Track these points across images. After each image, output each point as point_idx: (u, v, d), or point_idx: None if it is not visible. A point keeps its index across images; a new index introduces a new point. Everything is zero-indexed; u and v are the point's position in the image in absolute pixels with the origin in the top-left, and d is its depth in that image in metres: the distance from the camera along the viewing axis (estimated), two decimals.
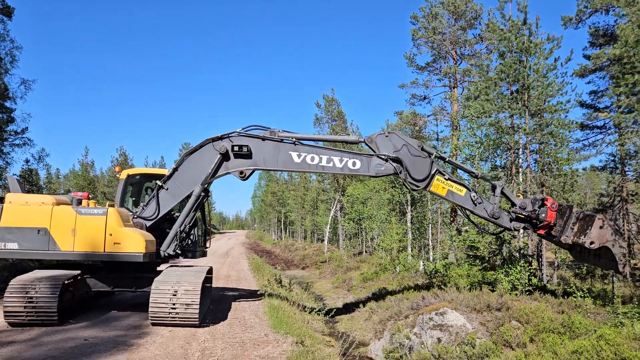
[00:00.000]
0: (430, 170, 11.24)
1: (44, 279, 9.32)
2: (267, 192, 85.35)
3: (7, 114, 24.98)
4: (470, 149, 20.02)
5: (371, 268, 25.73)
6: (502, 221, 11.50)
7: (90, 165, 63.80)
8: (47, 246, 9.46)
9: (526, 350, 9.43)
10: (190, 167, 11.03)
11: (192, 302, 9.20)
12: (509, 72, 17.70)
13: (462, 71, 27.89)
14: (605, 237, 10.52)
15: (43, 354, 7.33)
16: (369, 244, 38.49)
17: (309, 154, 11.17)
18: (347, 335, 12.67)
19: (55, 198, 9.95)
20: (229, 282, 18.31)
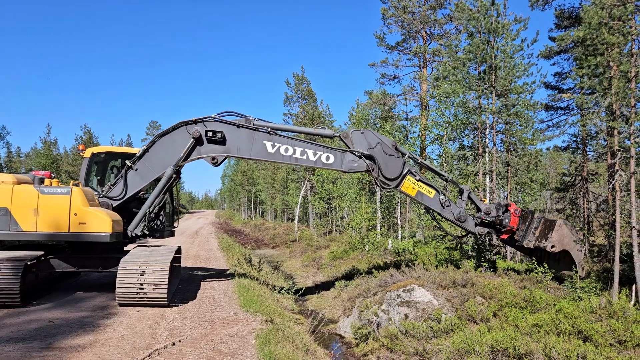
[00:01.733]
0: (402, 170, 11.42)
1: (4, 260, 9.06)
2: (237, 171, 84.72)
3: None
4: (439, 129, 20.26)
5: (341, 247, 25.97)
6: (467, 225, 11.86)
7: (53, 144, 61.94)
8: (7, 226, 9.21)
9: (489, 324, 9.72)
10: (161, 150, 10.83)
11: (160, 282, 9.13)
12: (477, 53, 17.87)
13: (432, 51, 28.04)
14: (565, 241, 11.02)
15: (5, 336, 7.17)
16: (339, 223, 38.78)
17: (283, 145, 11.13)
18: (316, 312, 12.84)
19: (16, 177, 9.66)
20: (198, 262, 18.23)
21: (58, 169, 53.20)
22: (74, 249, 10.52)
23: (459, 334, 9.42)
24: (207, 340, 7.45)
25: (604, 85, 12.91)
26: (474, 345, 8.46)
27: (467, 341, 8.67)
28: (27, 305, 9.26)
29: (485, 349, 8.30)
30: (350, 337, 11.81)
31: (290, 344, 8.17)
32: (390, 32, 29.03)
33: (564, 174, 26.81)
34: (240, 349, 7.10)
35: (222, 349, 7.03)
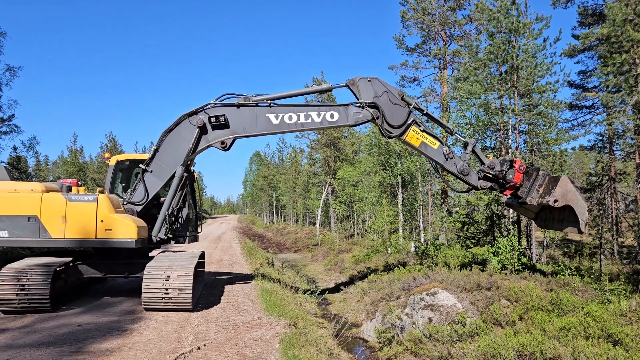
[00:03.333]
0: (407, 120, 11.28)
1: (35, 266, 9.30)
2: (259, 176, 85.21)
3: None
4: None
5: (363, 250, 25.92)
6: (470, 179, 11.55)
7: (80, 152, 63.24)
8: (37, 234, 9.42)
9: (515, 327, 9.60)
10: (170, 146, 10.93)
11: (185, 287, 9.24)
12: (498, 53, 17.70)
13: (452, 52, 27.83)
14: (568, 196, 10.61)
15: (37, 341, 7.35)
16: (361, 227, 38.69)
17: (286, 114, 11.11)
18: (339, 316, 12.84)
19: (44, 185, 9.89)
20: (222, 267, 18.39)
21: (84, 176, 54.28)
22: (101, 255, 10.72)
23: (484, 337, 9.32)
24: (232, 344, 7.52)
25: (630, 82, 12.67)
26: (499, 349, 8.36)
27: (493, 345, 8.58)
28: (57, 311, 9.48)
29: (511, 353, 8.20)
30: (373, 341, 11.78)
31: (314, 348, 8.19)
32: (409, 34, 29.13)
33: (590, 174, 26.25)
34: (265, 353, 7.14)
35: (247, 353, 7.09)
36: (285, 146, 76.81)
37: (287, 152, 74.53)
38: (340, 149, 43.57)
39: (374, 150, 27.81)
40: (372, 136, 28.27)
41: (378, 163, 27.46)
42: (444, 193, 26.01)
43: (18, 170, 29.80)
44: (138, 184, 10.93)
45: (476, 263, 14.99)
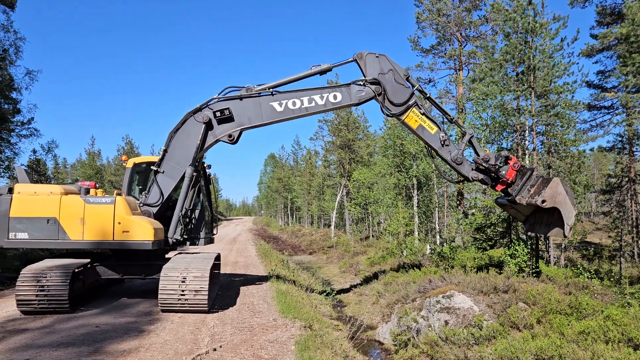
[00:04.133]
0: (409, 101, 11.31)
1: (54, 268, 9.45)
2: (273, 178, 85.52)
3: (13, 105, 25.08)
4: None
5: (378, 252, 25.84)
6: (462, 168, 11.52)
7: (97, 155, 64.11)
8: (56, 235, 9.55)
9: (533, 331, 9.48)
10: (179, 144, 11.00)
11: (201, 289, 9.29)
12: (514, 54, 17.53)
13: (467, 53, 27.62)
14: (557, 198, 10.51)
15: (56, 341, 7.46)
16: (376, 229, 38.59)
17: (289, 100, 11.16)
18: (354, 319, 12.79)
19: (63, 188, 10.02)
20: (237, 268, 18.46)
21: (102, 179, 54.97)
22: (118, 256, 10.84)
23: (501, 341, 9.22)
24: (247, 346, 7.54)
25: None
26: (517, 353, 8.27)
27: (510, 348, 8.48)
28: (75, 311, 9.61)
29: (529, 356, 8.10)
30: (389, 344, 11.73)
31: (330, 350, 8.18)
32: (424, 36, 28.84)
33: (609, 176, 25.86)
34: (280, 354, 7.15)
35: (262, 355, 7.10)
36: (300, 148, 77.02)
37: (301, 154, 74.78)
38: (355, 150, 43.53)
39: (389, 152, 27.72)
40: (387, 138, 28.19)
41: (393, 165, 27.36)
42: (459, 195, 25.81)
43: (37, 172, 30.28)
44: (152, 186, 11.04)
45: (493, 265, 14.84)
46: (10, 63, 23.54)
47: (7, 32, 23.03)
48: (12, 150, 26.29)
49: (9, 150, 26.09)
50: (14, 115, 25.42)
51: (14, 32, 23.21)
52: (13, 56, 23.49)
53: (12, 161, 26.36)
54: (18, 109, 25.46)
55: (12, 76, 24.25)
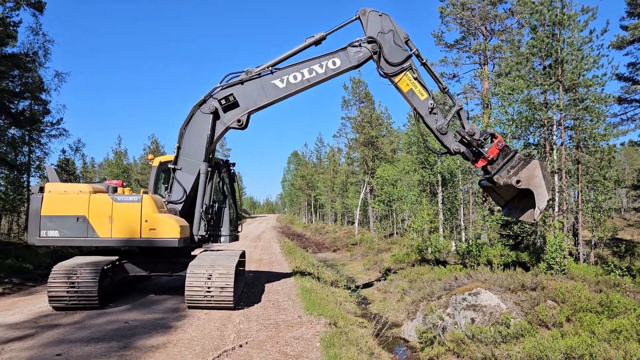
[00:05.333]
0: (404, 63, 11.38)
1: (84, 265, 9.65)
2: (297, 175, 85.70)
3: (43, 106, 25.69)
4: (502, 127, 19.60)
5: (402, 249, 25.69)
6: (445, 138, 11.53)
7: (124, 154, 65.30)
8: (86, 233, 9.76)
9: (563, 329, 9.30)
10: (191, 139, 11.18)
11: (227, 285, 9.38)
12: (541, 47, 17.16)
13: (493, 47, 27.20)
14: (533, 181, 10.47)
15: (87, 336, 7.63)
16: (400, 226, 38.36)
17: (290, 75, 11.27)
18: (379, 316, 12.75)
19: (92, 186, 10.22)
20: (262, 266, 18.58)
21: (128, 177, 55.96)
22: (145, 254, 11.01)
23: (529, 339, 9.08)
24: (273, 342, 7.58)
25: None
26: (546, 351, 8.12)
27: (539, 347, 8.34)
28: (104, 307, 9.81)
29: (559, 355, 7.95)
30: (414, 341, 11.65)
31: (355, 347, 8.17)
32: (448, 30, 28.46)
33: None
34: (306, 351, 7.17)
35: (288, 352, 7.13)
36: (323, 145, 77.10)
37: (325, 151, 74.82)
38: (378, 147, 43.32)
39: (413, 148, 27.50)
40: (411, 134, 27.97)
41: (417, 161, 27.13)
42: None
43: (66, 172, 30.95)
44: (172, 184, 11.20)
45: (520, 263, 14.60)
46: (39, 65, 24.09)
47: (36, 34, 23.60)
48: (43, 150, 26.95)
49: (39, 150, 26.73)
50: (44, 116, 26.05)
51: (42, 35, 23.77)
52: (42, 58, 24.04)
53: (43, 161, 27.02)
54: (48, 110, 26.07)
55: (41, 78, 24.85)
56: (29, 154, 26.05)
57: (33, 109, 25.25)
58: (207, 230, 11.13)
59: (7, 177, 25.61)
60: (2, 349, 6.93)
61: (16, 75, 22.36)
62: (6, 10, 20.73)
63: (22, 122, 23.02)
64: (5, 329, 8.18)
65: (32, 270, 16.95)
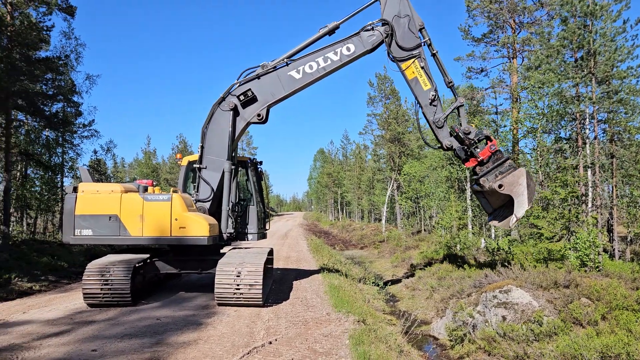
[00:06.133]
0: (414, 50, 11.36)
1: (117, 263, 9.87)
2: (323, 173, 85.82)
3: (75, 108, 26.35)
4: (532, 122, 19.22)
5: (431, 247, 25.44)
6: (440, 132, 11.45)
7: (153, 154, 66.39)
8: (118, 232, 9.97)
9: (598, 328, 9.07)
10: (213, 137, 11.29)
11: (255, 283, 9.45)
12: (572, 39, 16.75)
13: (522, 40, 26.64)
14: (514, 187, 10.41)
15: (121, 333, 7.80)
16: (428, 223, 38.02)
17: (305, 65, 11.30)
18: (408, 313, 12.66)
19: (123, 186, 10.44)
20: (289, 263, 18.66)
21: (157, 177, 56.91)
22: (176, 252, 11.19)
23: (563, 337, 8.88)
24: (302, 339, 7.61)
25: None
26: (581, 350, 7.94)
27: (574, 345, 8.16)
28: (137, 305, 10.02)
29: (594, 354, 7.76)
30: (444, 339, 11.53)
31: (384, 345, 8.14)
32: (475, 24, 28.00)
33: None
34: (335, 348, 7.17)
35: (317, 349, 7.14)
36: (349, 143, 76.95)
37: (351, 148, 74.70)
38: (405, 144, 43.00)
39: None
40: None
41: (445, 157, 26.82)
42: None
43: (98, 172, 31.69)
44: (200, 183, 11.34)
45: (552, 259, 14.29)
46: (71, 68, 24.69)
47: (69, 38, 24.20)
48: (75, 151, 27.65)
49: (72, 151, 27.44)
50: (76, 117, 26.72)
51: (75, 39, 24.37)
52: (74, 62, 24.64)
53: (75, 162, 27.73)
54: (80, 112, 26.74)
55: (73, 81, 25.48)
56: (62, 154, 26.77)
57: (66, 111, 25.92)
58: (234, 228, 11.24)
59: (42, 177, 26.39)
60: (40, 344, 7.15)
61: (49, 78, 22.98)
62: (39, 15, 21.32)
63: (55, 124, 23.65)
64: (43, 325, 8.43)
65: (66, 268, 17.43)
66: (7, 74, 17.50)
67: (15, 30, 19.13)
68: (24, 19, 20.02)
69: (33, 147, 24.52)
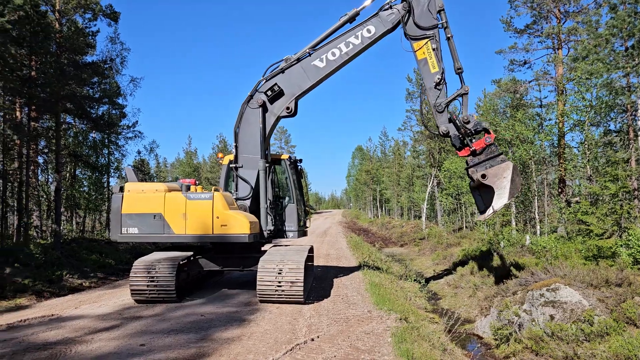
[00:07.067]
0: (429, 30, 11.21)
1: (162, 260, 10.11)
2: (361, 170, 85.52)
3: (120, 110, 27.19)
4: (579, 114, 18.54)
5: (473, 244, 24.93)
6: (439, 117, 11.24)
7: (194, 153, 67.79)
8: (162, 230, 10.21)
9: None
10: (246, 136, 11.45)
11: (297, 280, 9.49)
12: (622, 27, 16.06)
13: (567, 30, 25.69)
14: (497, 180, 10.18)
15: (167, 328, 7.99)
16: (469, 219, 37.31)
17: (327, 53, 11.32)
18: (451, 312, 12.45)
19: (166, 185, 10.68)
20: (329, 261, 18.68)
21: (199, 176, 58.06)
22: (218, 249, 11.37)
23: (616, 337, 8.53)
24: (344, 337, 7.59)
25: None
26: (635, 351, 7.61)
27: (627, 346, 7.82)
28: (182, 301, 10.24)
29: None
30: (489, 338, 11.28)
31: (427, 343, 8.03)
32: (518, 15, 27.17)
33: None
34: (377, 346, 7.12)
35: (359, 346, 7.11)
36: (388, 139, 76.41)
37: (389, 145, 74.12)
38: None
39: None
40: None
41: None
42: (561, 182, 24.22)
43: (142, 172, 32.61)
44: (237, 181, 11.53)
45: (602, 257, 13.75)
46: (116, 72, 25.47)
47: (114, 43, 24.99)
48: (120, 152, 28.52)
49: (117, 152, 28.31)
50: (121, 119, 27.56)
51: (120, 43, 25.15)
52: (119, 65, 25.43)
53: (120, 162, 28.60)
54: (124, 114, 27.56)
55: (118, 84, 26.29)
56: (108, 155, 27.67)
57: (111, 113, 26.79)
58: (274, 225, 11.32)
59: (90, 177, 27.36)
60: (92, 339, 7.40)
61: (95, 82, 23.79)
62: (85, 21, 22.08)
63: (101, 126, 24.47)
64: (94, 320, 8.73)
65: (114, 265, 18.02)
66: (57, 79, 18.21)
67: (63, 36, 19.88)
68: (71, 25, 20.78)
69: (81, 149, 25.47)
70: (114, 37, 25.15)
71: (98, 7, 21.92)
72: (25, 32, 16.99)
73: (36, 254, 15.68)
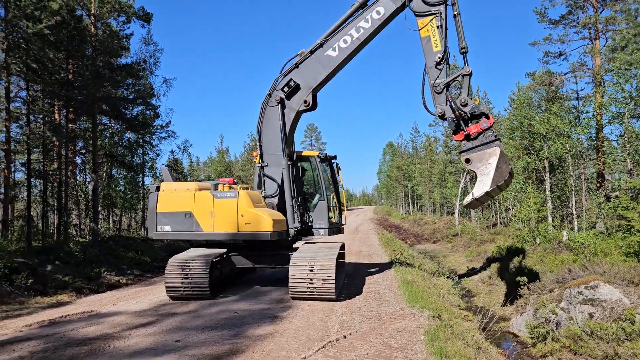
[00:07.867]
0: (435, 7, 10.66)
1: (196, 258, 10.29)
2: (392, 166, 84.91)
3: (153, 110, 27.72)
4: (618, 106, 17.93)
5: (507, 240, 24.44)
6: (437, 98, 10.67)
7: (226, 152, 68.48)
8: (192, 228, 10.39)
9: None
10: (268, 134, 11.49)
11: (328, 277, 9.51)
12: None
13: (605, 20, 24.84)
14: (482, 166, 9.76)
15: (201, 325, 8.12)
16: (504, 216, 36.59)
17: (339, 41, 11.16)
18: (485, 309, 12.25)
19: (197, 184, 10.86)
20: (361, 258, 18.63)
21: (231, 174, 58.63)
22: (250, 247, 11.46)
23: None
24: (376, 334, 7.56)
25: None
26: None
27: None
28: (215, 298, 10.39)
29: None
30: (525, 337, 11.04)
31: (461, 341, 7.92)
32: (553, 6, 26.43)
33: None
34: (410, 344, 7.06)
35: (392, 344, 7.07)
36: (419, 135, 75.57)
37: (421, 141, 73.28)
38: None
39: (515, 134, 26.07)
40: (513, 119, 26.54)
41: (521, 147, 25.68)
42: (600, 177, 23.48)
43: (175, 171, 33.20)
44: (264, 180, 11.61)
45: None
46: (150, 73, 25.98)
47: (147, 44, 25.51)
48: (154, 152, 29.08)
49: (151, 152, 28.88)
50: (154, 119, 28.11)
51: (153, 44, 25.65)
52: (152, 66, 25.94)
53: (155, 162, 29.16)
54: (157, 114, 28.11)
55: (152, 85, 26.82)
56: (142, 155, 28.26)
57: (145, 114, 27.34)
58: (301, 223, 11.33)
59: (125, 177, 28.02)
60: (129, 334, 7.59)
61: (130, 83, 24.34)
62: (119, 24, 22.59)
63: (136, 127, 25.03)
64: (130, 316, 8.95)
65: (149, 262, 18.43)
66: (93, 81, 18.71)
67: (99, 39, 20.40)
68: (106, 28, 21.29)
69: (117, 149, 26.09)
70: (147, 39, 25.69)
71: (131, 10, 22.39)
72: (62, 37, 17.50)
73: (76, 252, 16.17)
